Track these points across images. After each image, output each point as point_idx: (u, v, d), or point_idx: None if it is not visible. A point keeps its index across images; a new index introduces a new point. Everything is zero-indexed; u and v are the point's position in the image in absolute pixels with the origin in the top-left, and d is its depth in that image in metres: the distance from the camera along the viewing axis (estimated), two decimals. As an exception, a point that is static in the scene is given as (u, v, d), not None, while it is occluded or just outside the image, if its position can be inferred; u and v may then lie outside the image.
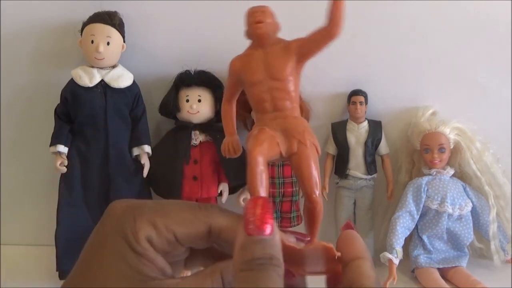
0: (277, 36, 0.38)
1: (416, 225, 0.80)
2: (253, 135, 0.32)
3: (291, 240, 0.27)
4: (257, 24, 0.37)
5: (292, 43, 0.36)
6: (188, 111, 0.78)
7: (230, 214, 0.27)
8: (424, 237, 0.79)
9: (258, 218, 0.23)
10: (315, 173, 0.31)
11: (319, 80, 0.82)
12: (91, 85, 0.74)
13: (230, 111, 0.37)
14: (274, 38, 0.37)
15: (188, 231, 0.25)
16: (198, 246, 0.26)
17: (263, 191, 0.30)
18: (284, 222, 0.80)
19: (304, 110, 0.79)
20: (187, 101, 0.78)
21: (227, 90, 0.38)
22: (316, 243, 0.26)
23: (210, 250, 0.28)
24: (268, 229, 0.23)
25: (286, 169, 0.78)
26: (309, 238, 0.29)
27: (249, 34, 0.38)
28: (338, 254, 0.25)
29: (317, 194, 0.31)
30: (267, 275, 0.22)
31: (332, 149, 0.83)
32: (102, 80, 0.75)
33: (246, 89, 0.36)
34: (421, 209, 0.78)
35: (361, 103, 0.80)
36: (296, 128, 0.32)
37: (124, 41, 0.77)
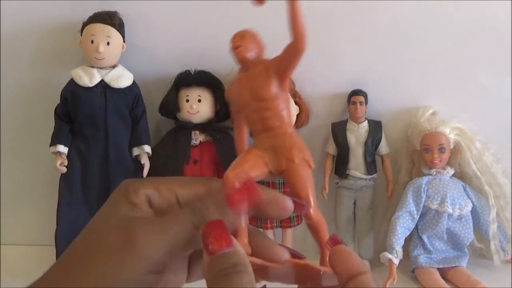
0: (262, 57, 0.38)
1: (416, 225, 0.80)
2: (238, 157, 0.32)
3: (284, 256, 0.28)
4: (235, 50, 0.38)
5: (271, 62, 0.36)
6: (188, 111, 0.78)
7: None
8: (424, 237, 0.79)
9: (214, 237, 0.24)
10: (306, 189, 0.31)
11: (319, 80, 0.82)
12: (91, 85, 0.74)
13: (242, 139, 0.37)
14: (256, 60, 0.37)
15: (189, 192, 0.27)
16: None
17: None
18: (284, 222, 0.80)
19: (304, 110, 0.79)
20: (187, 101, 0.78)
21: (233, 116, 0.38)
22: (289, 260, 0.27)
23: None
24: (225, 244, 0.24)
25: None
26: (305, 258, 0.30)
27: (234, 60, 0.38)
28: (324, 269, 0.26)
29: (311, 210, 0.30)
30: (233, 281, 0.22)
31: (332, 149, 0.83)
32: (102, 80, 0.75)
33: (240, 114, 0.36)
34: (421, 209, 0.78)
35: (361, 103, 0.80)
36: (283, 144, 0.32)
37: (124, 41, 0.77)
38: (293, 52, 0.35)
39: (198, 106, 0.78)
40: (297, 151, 0.32)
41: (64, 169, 0.74)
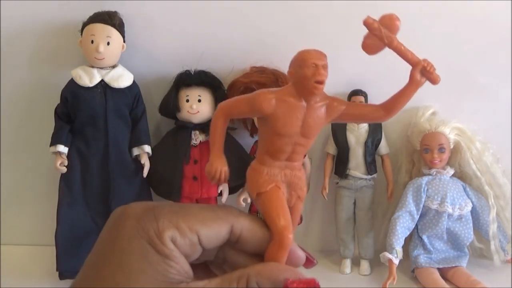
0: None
1: (416, 225, 0.80)
2: (268, 195, 0.31)
3: (301, 255, 0.29)
4: (317, 85, 0.33)
5: (336, 107, 0.34)
6: (188, 111, 0.78)
7: (249, 215, 0.28)
8: (424, 237, 0.79)
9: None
10: (296, 222, 0.32)
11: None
12: (91, 85, 0.74)
13: (224, 128, 0.33)
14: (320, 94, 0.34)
15: (211, 231, 0.25)
16: (214, 249, 0.26)
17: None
18: None
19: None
20: (187, 101, 0.78)
21: (234, 108, 0.33)
22: None
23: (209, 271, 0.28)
24: None
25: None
26: (316, 263, 0.31)
27: (298, 84, 0.32)
28: None
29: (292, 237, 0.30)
30: None
31: (332, 149, 0.83)
32: (102, 80, 0.75)
33: (267, 132, 0.32)
34: (421, 209, 0.78)
35: (361, 103, 0.80)
36: (298, 183, 0.32)
37: (124, 41, 0.77)
38: (376, 118, 0.36)
39: (198, 106, 0.78)
40: (305, 188, 0.33)
41: (64, 169, 0.74)
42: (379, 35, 0.37)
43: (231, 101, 0.33)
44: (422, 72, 0.38)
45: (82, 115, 0.75)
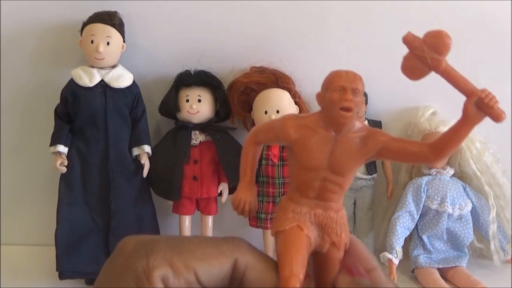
0: (357, 117, 0.29)
1: (416, 225, 0.80)
2: (287, 235, 0.26)
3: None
4: (344, 113, 0.27)
5: (373, 141, 0.29)
6: (188, 111, 0.78)
7: (259, 252, 0.25)
8: (424, 237, 0.79)
9: None
10: (332, 275, 0.27)
11: (319, 80, 0.82)
12: (91, 85, 0.74)
13: (255, 155, 0.30)
14: (353, 122, 0.28)
15: (211, 268, 0.23)
16: (218, 286, 0.24)
17: None
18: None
19: (304, 110, 0.79)
20: (187, 101, 0.78)
21: (261, 133, 0.30)
22: None
23: None
24: None
25: (286, 169, 0.78)
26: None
27: (326, 110, 0.28)
28: None
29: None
30: None
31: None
32: (102, 80, 0.75)
33: (293, 164, 0.29)
34: (421, 209, 0.78)
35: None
36: (334, 227, 0.27)
37: (124, 41, 0.77)
38: (422, 160, 0.30)
39: (198, 106, 0.78)
40: (346, 236, 0.27)
41: (64, 169, 0.74)
42: (421, 56, 0.30)
43: (258, 127, 0.30)
44: (479, 105, 0.30)
45: (82, 115, 0.75)
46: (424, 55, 0.31)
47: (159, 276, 0.21)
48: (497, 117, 0.29)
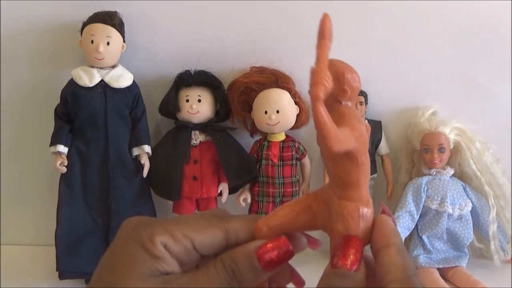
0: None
1: (416, 225, 0.80)
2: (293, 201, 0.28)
3: (302, 241, 0.28)
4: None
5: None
6: (188, 111, 0.78)
7: (242, 216, 0.28)
8: (424, 237, 0.79)
9: (343, 253, 0.23)
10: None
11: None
12: (91, 85, 0.74)
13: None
14: None
15: (205, 238, 0.26)
16: (215, 252, 0.27)
17: None
18: None
19: (304, 110, 0.79)
20: (187, 101, 0.78)
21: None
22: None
23: None
24: (351, 265, 0.23)
25: (286, 169, 0.78)
26: (320, 243, 0.30)
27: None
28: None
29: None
30: None
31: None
32: (102, 80, 0.75)
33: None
34: (421, 209, 0.78)
35: (361, 103, 0.80)
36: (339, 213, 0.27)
37: (124, 41, 0.77)
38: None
39: (198, 106, 0.78)
40: (341, 229, 0.27)
41: (64, 169, 0.74)
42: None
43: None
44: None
45: (82, 115, 0.75)
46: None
47: (161, 242, 0.24)
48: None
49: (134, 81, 0.78)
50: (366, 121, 0.82)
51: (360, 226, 0.26)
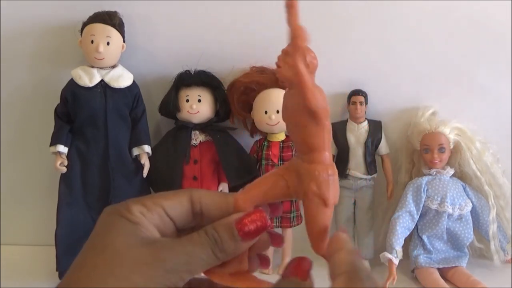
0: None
1: (416, 225, 0.80)
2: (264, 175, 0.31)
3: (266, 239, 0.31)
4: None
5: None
6: (188, 111, 0.78)
7: (207, 189, 0.31)
8: (424, 237, 0.79)
9: (294, 266, 0.27)
10: (317, 226, 0.30)
11: (319, 80, 0.81)
12: (91, 85, 0.74)
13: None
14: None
15: (173, 202, 0.28)
16: (186, 221, 0.29)
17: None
18: (284, 222, 0.80)
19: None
20: (187, 101, 0.78)
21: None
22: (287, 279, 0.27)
23: None
24: (300, 275, 0.27)
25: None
26: (283, 242, 0.33)
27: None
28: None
29: (321, 251, 0.29)
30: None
31: (332, 149, 0.83)
32: (102, 80, 0.75)
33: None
34: (421, 209, 0.78)
35: (361, 103, 0.80)
36: (307, 176, 0.29)
37: (124, 41, 0.77)
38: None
39: (198, 106, 0.78)
40: (315, 188, 0.29)
41: (64, 169, 0.74)
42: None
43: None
44: None
45: (82, 115, 0.75)
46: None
47: (137, 210, 0.27)
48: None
49: (134, 81, 0.78)
50: (366, 121, 0.82)
51: (330, 186, 0.29)
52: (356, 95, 0.81)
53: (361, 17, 0.81)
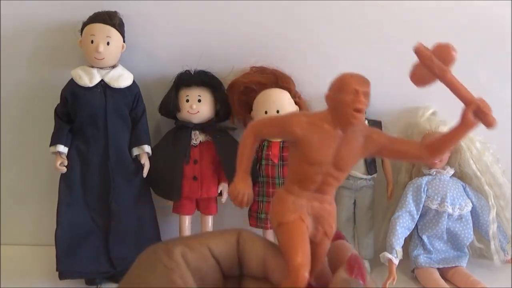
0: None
1: (416, 225, 0.80)
2: (290, 226, 0.28)
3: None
4: (356, 113, 0.29)
5: (375, 140, 0.31)
6: (188, 111, 0.78)
7: (254, 233, 0.29)
8: (424, 237, 0.79)
9: (357, 267, 0.26)
10: (321, 263, 0.29)
11: (319, 80, 0.82)
12: (91, 85, 0.74)
13: (253, 148, 0.31)
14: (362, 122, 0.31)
15: (220, 241, 0.27)
16: (232, 264, 0.27)
17: None
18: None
19: (304, 110, 0.79)
20: (187, 101, 0.78)
21: (265, 128, 0.31)
22: None
23: None
24: (361, 277, 0.26)
25: (286, 169, 0.78)
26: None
27: (335, 110, 0.30)
28: None
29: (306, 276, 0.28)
30: None
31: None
32: (102, 80, 0.75)
33: (297, 158, 0.30)
34: (421, 209, 0.78)
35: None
36: (328, 218, 0.29)
37: (124, 41, 0.77)
38: (419, 158, 0.33)
39: (198, 106, 0.78)
40: (335, 225, 0.29)
41: (64, 169, 0.74)
42: (430, 66, 0.32)
43: (262, 121, 0.31)
44: (476, 112, 0.33)
45: (82, 115, 0.75)
46: (432, 65, 0.32)
47: (179, 252, 0.25)
48: (490, 123, 0.33)
49: (134, 81, 0.78)
50: (366, 121, 0.82)
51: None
52: (356, 95, 0.80)
53: (361, 17, 0.81)
